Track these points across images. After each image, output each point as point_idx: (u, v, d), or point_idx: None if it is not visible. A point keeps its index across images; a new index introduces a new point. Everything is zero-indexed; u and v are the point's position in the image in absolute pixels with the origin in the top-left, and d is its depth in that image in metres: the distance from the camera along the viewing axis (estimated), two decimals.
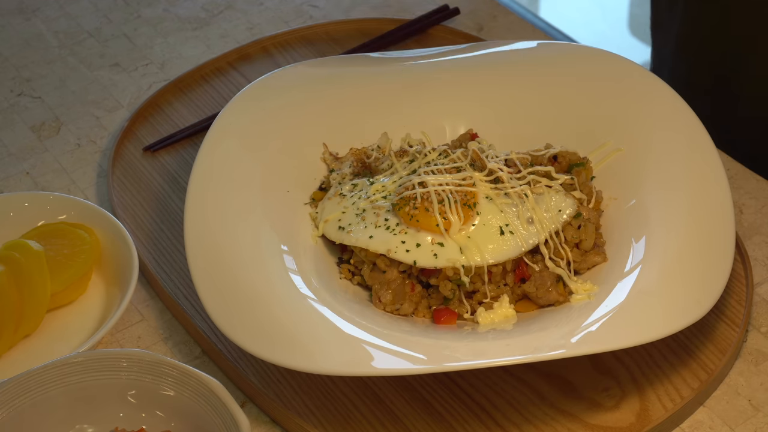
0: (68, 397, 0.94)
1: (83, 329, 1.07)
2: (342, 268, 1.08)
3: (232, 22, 1.47)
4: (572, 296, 1.03)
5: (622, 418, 0.97)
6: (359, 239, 1.06)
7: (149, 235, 1.17)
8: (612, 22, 3.18)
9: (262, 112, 1.17)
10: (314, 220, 1.11)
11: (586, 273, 1.06)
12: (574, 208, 1.07)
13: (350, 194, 1.11)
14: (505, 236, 1.05)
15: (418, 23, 1.41)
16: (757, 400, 1.00)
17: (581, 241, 1.06)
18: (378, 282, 1.05)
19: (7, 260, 1.06)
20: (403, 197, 1.06)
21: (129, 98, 1.35)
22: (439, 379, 1.01)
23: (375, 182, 1.11)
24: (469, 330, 1.02)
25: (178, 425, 0.94)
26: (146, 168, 1.25)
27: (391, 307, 1.04)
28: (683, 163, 1.09)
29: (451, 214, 1.05)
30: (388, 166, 1.13)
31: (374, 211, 1.08)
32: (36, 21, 1.48)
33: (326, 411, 0.99)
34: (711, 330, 1.04)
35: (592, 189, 1.11)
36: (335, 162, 1.17)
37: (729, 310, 1.05)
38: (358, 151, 1.17)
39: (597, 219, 1.09)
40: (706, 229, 1.03)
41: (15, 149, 1.29)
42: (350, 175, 1.14)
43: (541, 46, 1.25)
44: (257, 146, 1.14)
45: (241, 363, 1.03)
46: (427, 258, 1.04)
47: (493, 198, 1.07)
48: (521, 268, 1.05)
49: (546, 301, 1.03)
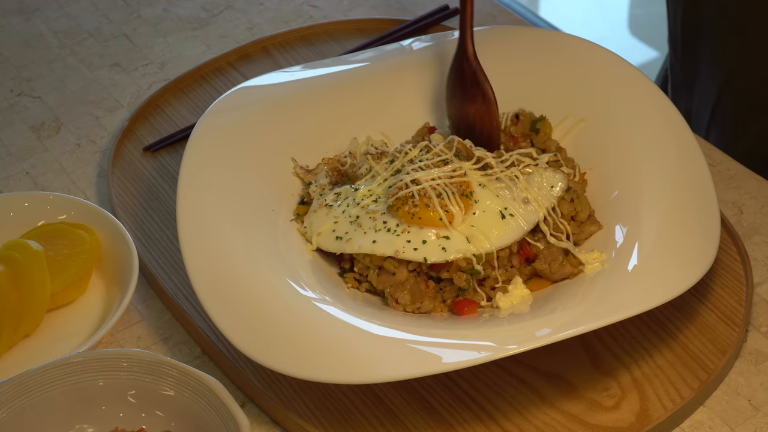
0: (68, 397, 0.94)
1: (83, 329, 1.07)
2: (347, 278, 1.07)
3: (232, 22, 1.47)
4: (586, 266, 1.04)
5: (622, 418, 0.97)
6: (362, 246, 1.05)
7: (149, 235, 1.17)
8: (612, 22, 3.18)
9: (224, 138, 1.14)
10: (304, 235, 1.10)
11: (585, 243, 1.08)
12: (565, 182, 1.09)
13: (336, 203, 1.09)
14: (506, 219, 1.06)
15: (418, 23, 1.41)
16: (757, 400, 1.00)
17: (577, 213, 1.08)
18: (390, 285, 1.04)
19: (7, 260, 1.06)
20: (399, 197, 1.06)
21: (129, 98, 1.35)
22: (438, 379, 1.01)
23: (359, 188, 1.10)
24: (488, 316, 1.02)
25: (178, 425, 0.94)
26: (146, 168, 1.25)
27: (412, 307, 1.04)
28: (650, 127, 1.12)
29: (452, 205, 1.05)
30: (367, 170, 1.12)
31: (369, 215, 1.07)
32: (36, 21, 1.48)
33: (326, 411, 0.99)
34: (711, 330, 1.04)
35: (574, 163, 1.13)
36: (308, 174, 1.15)
37: (729, 310, 1.06)
38: (331, 159, 1.16)
39: (584, 190, 1.11)
40: (685, 181, 1.07)
41: (15, 149, 1.29)
42: (329, 185, 1.13)
43: (483, 32, 1.24)
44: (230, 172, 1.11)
45: (241, 363, 1.03)
46: (437, 253, 1.04)
47: (486, 185, 1.08)
48: (525, 249, 1.06)
49: (561, 275, 1.04)
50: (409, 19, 1.42)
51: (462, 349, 0.96)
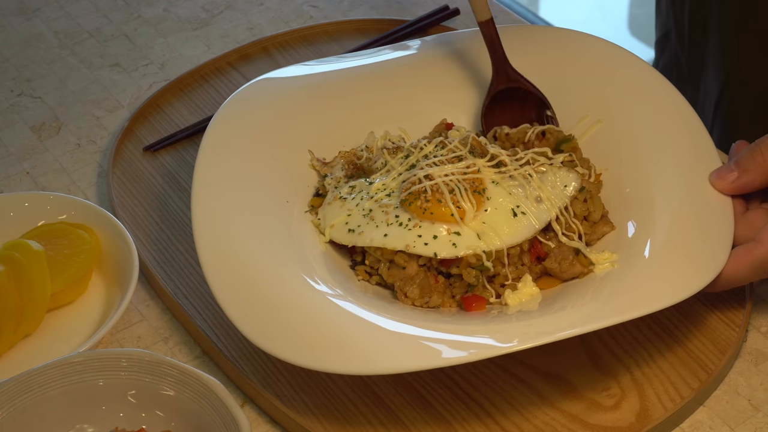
0: (68, 397, 0.94)
1: (83, 329, 1.07)
2: (358, 271, 1.08)
3: (232, 22, 1.47)
4: (596, 266, 1.04)
5: (622, 418, 0.97)
6: (374, 239, 1.06)
7: (149, 235, 1.17)
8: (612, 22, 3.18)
9: (244, 129, 1.15)
10: (318, 227, 1.11)
11: (597, 243, 1.07)
12: (579, 182, 1.09)
13: (350, 196, 1.10)
14: (518, 217, 1.06)
15: (418, 23, 1.41)
16: (757, 400, 1.00)
17: (590, 213, 1.08)
18: (400, 278, 1.05)
19: (7, 260, 1.06)
20: (411, 192, 1.07)
21: (129, 98, 1.35)
22: (438, 379, 1.01)
23: (374, 182, 1.11)
24: (497, 312, 1.02)
25: (178, 425, 0.94)
26: (146, 168, 1.25)
27: (420, 301, 1.04)
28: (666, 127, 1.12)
29: (464, 202, 1.05)
30: (382, 165, 1.13)
31: (382, 209, 1.08)
32: (36, 21, 1.48)
33: (326, 411, 0.99)
34: (711, 330, 1.04)
35: (590, 163, 1.13)
36: (325, 167, 1.16)
37: (729, 310, 1.05)
38: (347, 153, 1.16)
39: (598, 191, 1.10)
40: (699, 182, 1.05)
41: (15, 149, 1.29)
42: (345, 178, 1.14)
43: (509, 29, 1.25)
44: (247, 163, 1.12)
45: (241, 363, 1.03)
46: (447, 248, 1.04)
47: (500, 182, 1.08)
48: (536, 247, 1.06)
49: (570, 274, 1.04)
50: (409, 19, 1.42)
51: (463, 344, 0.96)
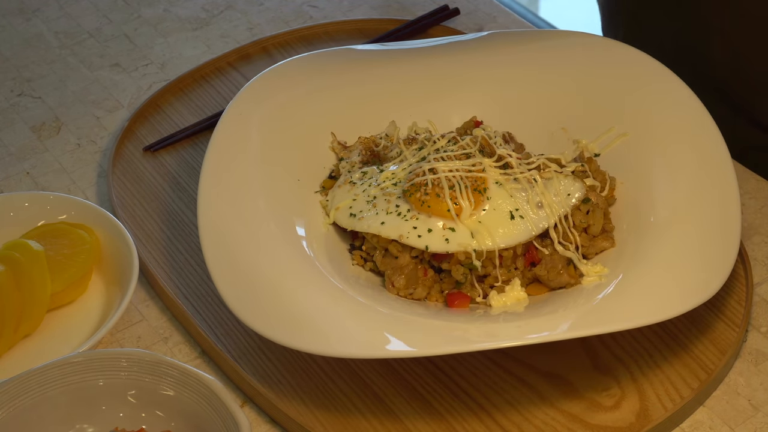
0: (68, 397, 0.94)
1: (83, 329, 1.07)
2: (354, 255, 1.09)
3: (232, 22, 1.47)
4: (583, 278, 1.04)
5: (622, 418, 0.97)
6: (371, 225, 1.07)
7: (149, 235, 1.17)
8: None
9: (272, 102, 1.18)
10: (325, 208, 1.12)
11: (595, 257, 1.07)
12: (583, 192, 1.08)
13: (360, 182, 1.12)
14: (515, 221, 1.06)
15: (418, 23, 1.41)
16: (757, 400, 1.00)
17: (589, 225, 1.08)
18: (390, 267, 1.06)
19: (7, 260, 1.06)
20: (414, 183, 1.07)
21: (129, 98, 1.35)
22: (438, 378, 1.01)
23: (385, 170, 1.12)
24: (481, 312, 1.03)
25: (178, 425, 0.94)
26: (146, 168, 1.25)
27: (405, 292, 1.05)
28: (687, 145, 1.11)
29: (462, 199, 1.06)
30: (397, 154, 1.14)
31: (385, 197, 1.09)
32: (36, 21, 1.48)
33: (326, 411, 0.99)
34: (711, 330, 1.04)
35: (605, 176, 1.12)
36: (344, 151, 1.18)
37: (729, 310, 1.05)
38: (367, 139, 1.18)
39: (606, 205, 1.09)
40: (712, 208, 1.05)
41: (15, 149, 1.29)
42: (359, 164, 1.15)
43: (544, 33, 1.27)
44: (267, 136, 1.15)
45: (241, 363, 1.03)
46: (439, 243, 1.05)
47: (503, 183, 1.08)
48: (531, 252, 1.06)
49: (557, 283, 1.04)
50: (409, 19, 1.42)
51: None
